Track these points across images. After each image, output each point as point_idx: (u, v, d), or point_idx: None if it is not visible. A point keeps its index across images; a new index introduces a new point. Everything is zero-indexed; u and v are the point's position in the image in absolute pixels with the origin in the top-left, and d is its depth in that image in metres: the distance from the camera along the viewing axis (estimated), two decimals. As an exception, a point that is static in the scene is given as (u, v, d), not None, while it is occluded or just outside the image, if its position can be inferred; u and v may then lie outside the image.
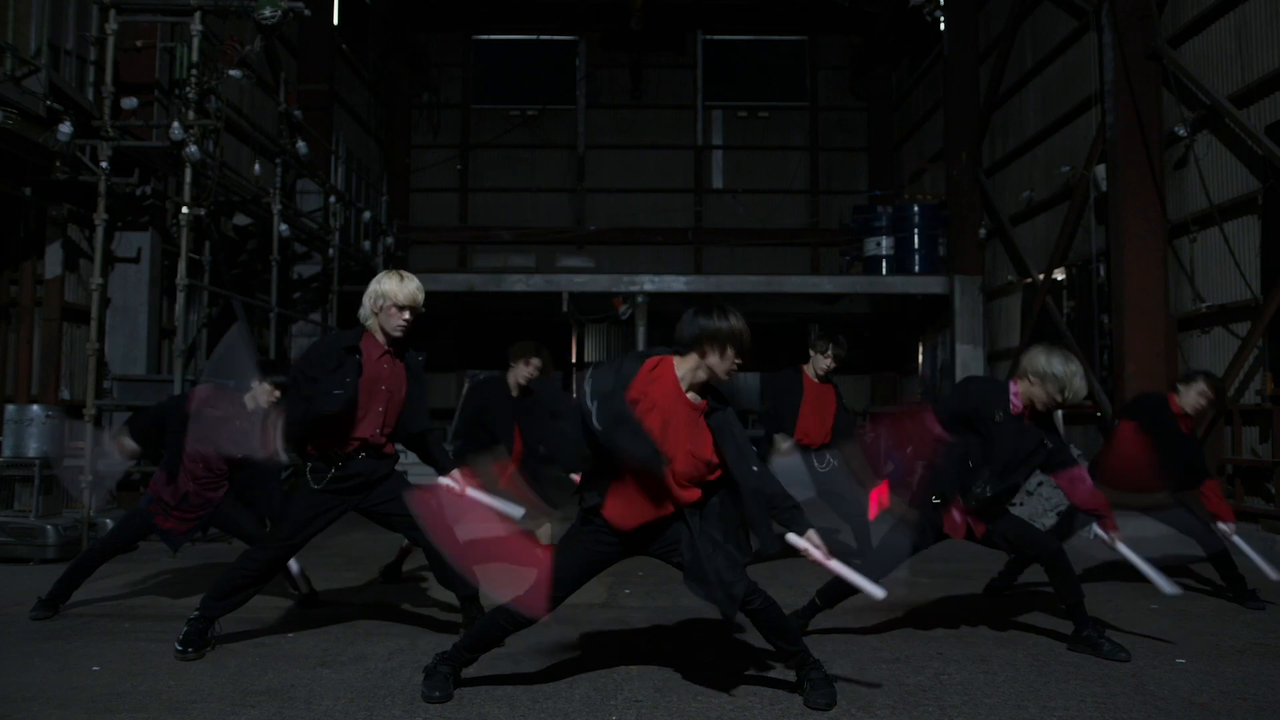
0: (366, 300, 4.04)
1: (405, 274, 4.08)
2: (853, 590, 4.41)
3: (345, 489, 4.06)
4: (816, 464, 6.00)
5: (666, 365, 3.37)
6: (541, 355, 5.85)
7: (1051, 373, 4.03)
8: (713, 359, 3.28)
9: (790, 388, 6.14)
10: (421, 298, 4.06)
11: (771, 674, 3.75)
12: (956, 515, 4.20)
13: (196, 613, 4.06)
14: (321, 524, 4.12)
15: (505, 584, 3.70)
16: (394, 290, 3.99)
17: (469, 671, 3.64)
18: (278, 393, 4.91)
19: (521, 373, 5.80)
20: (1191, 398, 5.26)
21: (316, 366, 3.99)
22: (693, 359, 3.31)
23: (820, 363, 6.13)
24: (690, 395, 3.35)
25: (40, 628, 4.57)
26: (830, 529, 6.17)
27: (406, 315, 4.02)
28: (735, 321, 3.28)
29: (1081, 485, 4.23)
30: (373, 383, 4.02)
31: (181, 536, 4.97)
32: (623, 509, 3.38)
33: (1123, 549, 4.16)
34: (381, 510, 4.17)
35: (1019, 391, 4.14)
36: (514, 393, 5.79)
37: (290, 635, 4.43)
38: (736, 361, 3.30)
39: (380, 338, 4.06)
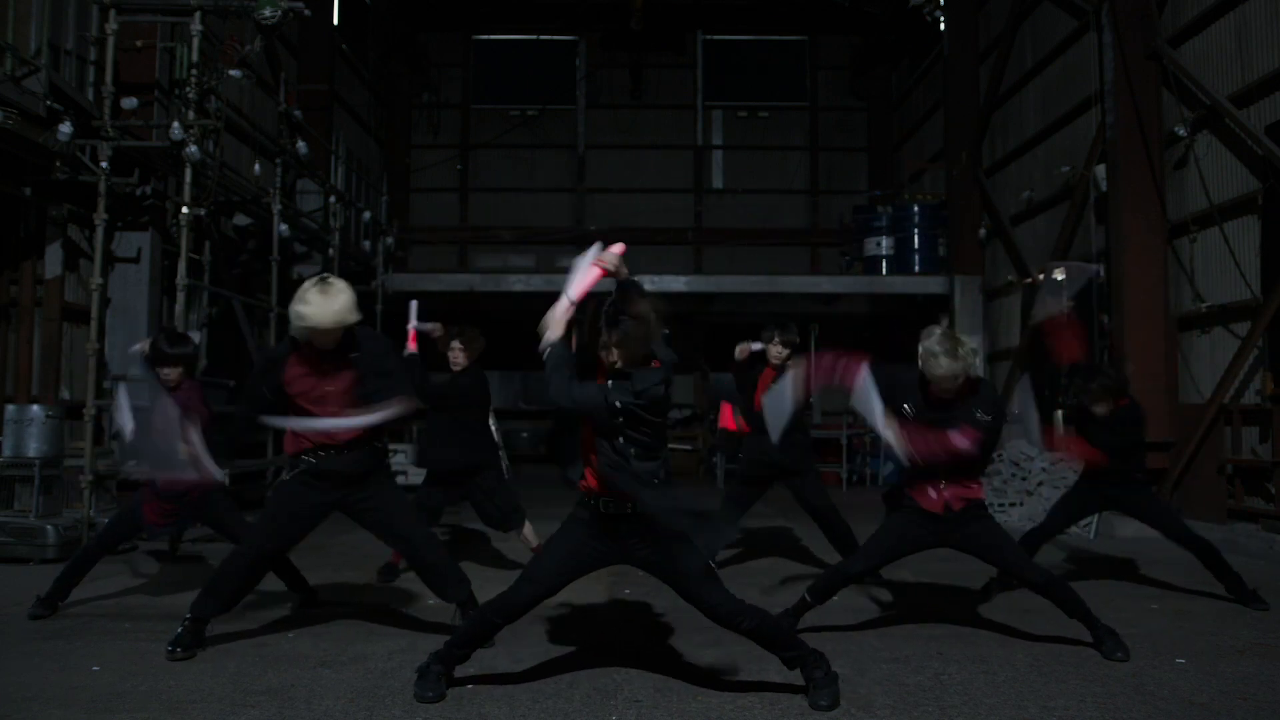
0: (292, 315, 3.95)
1: (326, 285, 3.92)
2: (844, 585, 4.46)
3: (321, 485, 4.05)
4: None
5: None
6: (463, 337, 6.03)
7: (923, 350, 4.12)
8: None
9: (748, 381, 6.13)
10: (347, 316, 3.90)
11: (771, 674, 3.75)
12: (932, 492, 4.22)
13: (189, 614, 4.06)
14: (304, 522, 4.12)
15: None
16: (316, 315, 3.85)
17: (468, 670, 3.65)
18: (177, 369, 4.90)
19: (450, 360, 6.02)
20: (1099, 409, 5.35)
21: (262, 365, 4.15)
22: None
23: (773, 351, 5.97)
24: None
25: (40, 628, 4.57)
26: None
27: (334, 335, 3.94)
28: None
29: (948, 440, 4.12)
30: (316, 384, 4.04)
31: (165, 529, 5.00)
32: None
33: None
34: (363, 514, 4.16)
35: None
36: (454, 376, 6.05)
37: (290, 635, 4.43)
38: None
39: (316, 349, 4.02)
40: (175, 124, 7.94)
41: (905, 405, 4.18)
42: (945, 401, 4.14)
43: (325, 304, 3.87)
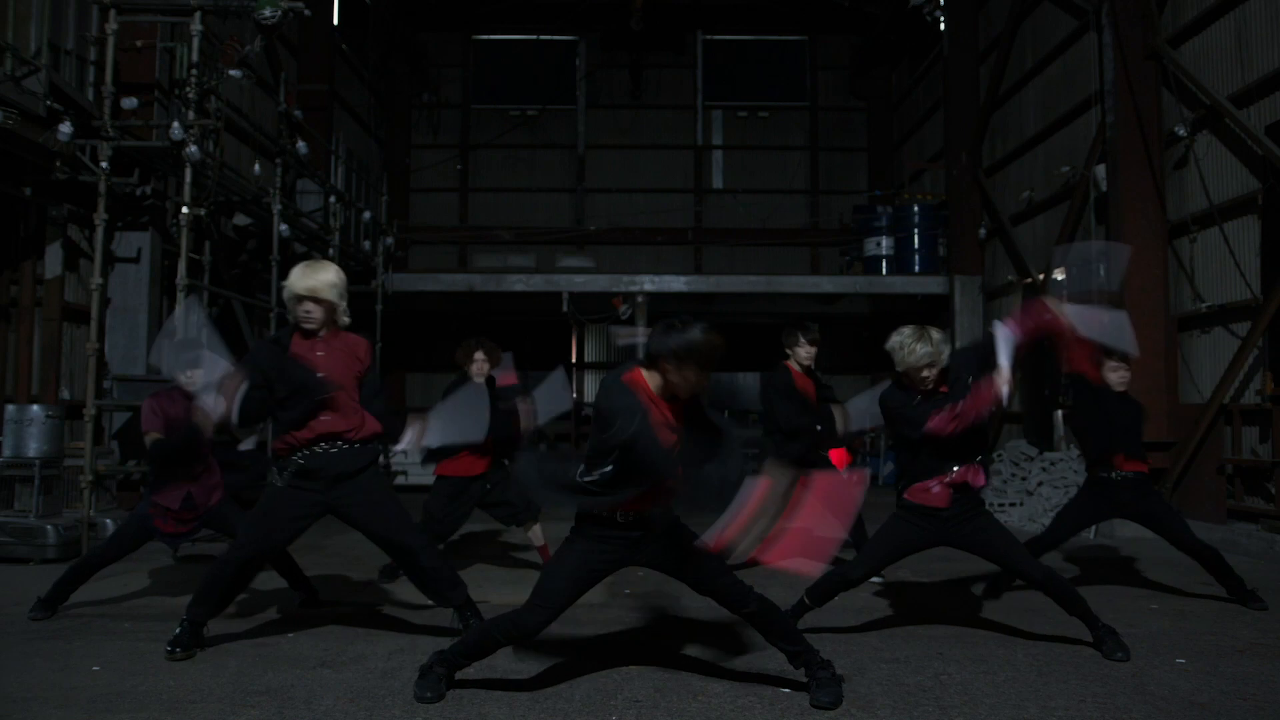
0: (285, 294, 4.09)
1: (315, 264, 4.08)
2: (842, 588, 4.45)
3: (312, 483, 4.02)
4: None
5: (637, 375, 3.38)
6: (484, 347, 5.95)
7: (895, 345, 4.17)
8: (673, 376, 3.29)
9: (789, 385, 6.11)
10: (324, 287, 4.00)
11: (771, 673, 3.75)
12: (935, 487, 4.21)
13: (185, 617, 4.06)
14: (295, 522, 4.08)
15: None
16: (293, 280, 4.01)
17: (469, 671, 3.65)
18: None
19: (474, 371, 5.92)
20: (1112, 377, 5.35)
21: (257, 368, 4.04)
22: (656, 375, 3.34)
23: (802, 353, 6.02)
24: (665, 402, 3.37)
25: (40, 628, 4.57)
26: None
27: (307, 306, 4.01)
28: (695, 340, 3.24)
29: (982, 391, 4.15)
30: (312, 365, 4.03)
31: (182, 537, 4.98)
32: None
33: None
34: (353, 517, 4.10)
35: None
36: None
37: (290, 635, 4.43)
38: (696, 379, 3.28)
39: (300, 331, 4.08)
40: (175, 124, 7.94)
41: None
42: (929, 395, 4.17)
43: (303, 274, 4.01)
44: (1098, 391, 5.33)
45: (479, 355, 5.92)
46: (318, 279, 4.02)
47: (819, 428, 5.96)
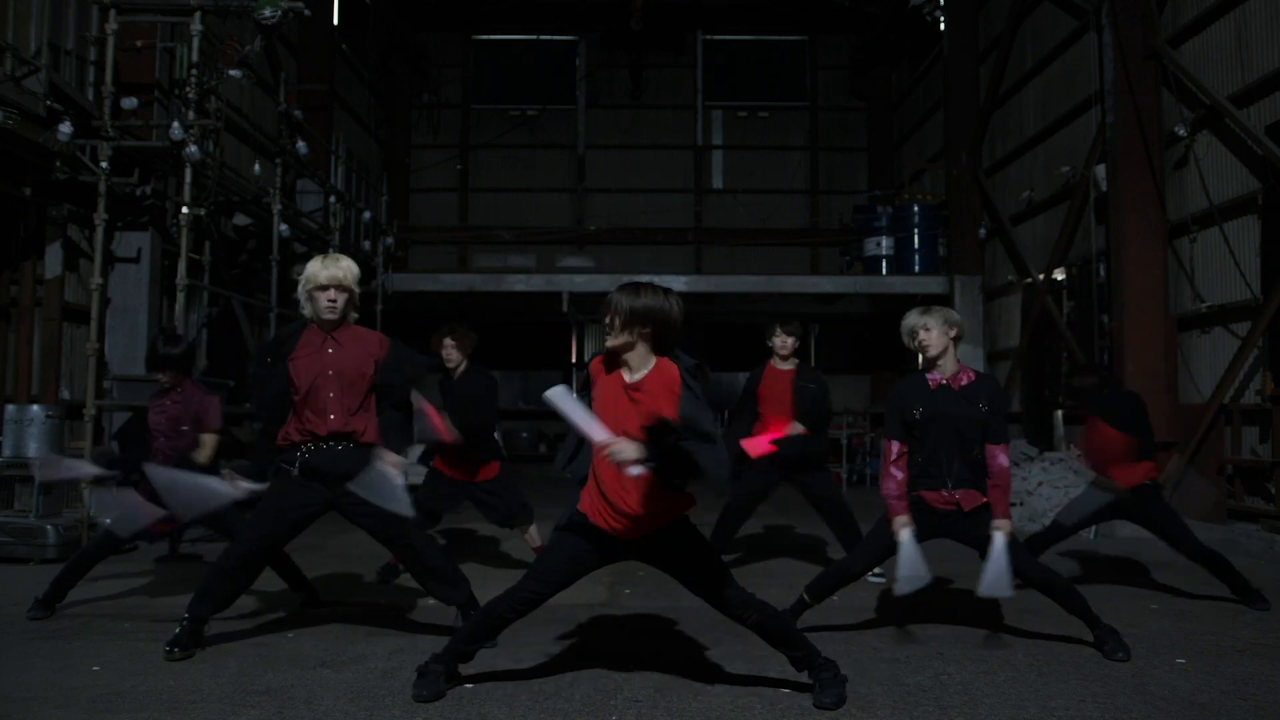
0: (299, 289, 4.10)
1: (333, 255, 4.12)
2: (842, 584, 4.45)
3: (313, 479, 4.01)
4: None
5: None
6: (453, 333, 5.93)
7: (903, 325, 4.38)
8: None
9: (751, 380, 6.02)
10: (347, 276, 4.03)
11: (771, 674, 3.75)
12: (945, 492, 4.19)
13: (186, 615, 4.05)
14: (297, 517, 4.07)
15: None
16: (315, 271, 4.02)
17: (468, 670, 3.64)
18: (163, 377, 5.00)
19: (444, 357, 5.93)
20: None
21: (260, 361, 4.15)
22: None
23: (777, 343, 5.92)
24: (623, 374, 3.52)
25: (40, 628, 4.57)
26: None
27: (331, 295, 4.02)
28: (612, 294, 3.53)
29: (995, 461, 4.19)
30: (317, 370, 4.01)
31: (162, 535, 5.01)
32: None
33: (997, 544, 4.08)
34: (356, 515, 4.08)
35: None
36: (454, 377, 5.97)
37: (290, 635, 4.43)
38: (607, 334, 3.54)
39: (319, 324, 4.09)
40: (175, 124, 7.94)
41: (916, 411, 4.21)
42: (946, 388, 4.18)
43: (325, 265, 4.04)
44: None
45: (448, 342, 5.91)
46: (341, 267, 4.04)
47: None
